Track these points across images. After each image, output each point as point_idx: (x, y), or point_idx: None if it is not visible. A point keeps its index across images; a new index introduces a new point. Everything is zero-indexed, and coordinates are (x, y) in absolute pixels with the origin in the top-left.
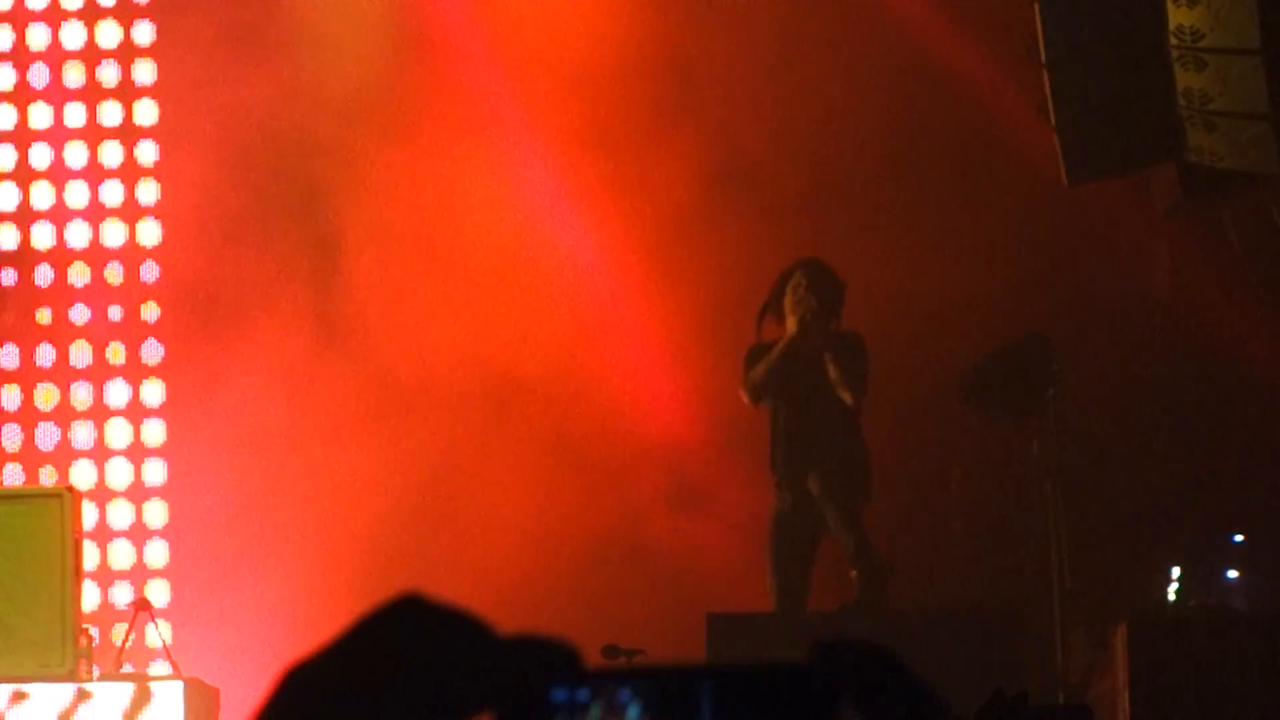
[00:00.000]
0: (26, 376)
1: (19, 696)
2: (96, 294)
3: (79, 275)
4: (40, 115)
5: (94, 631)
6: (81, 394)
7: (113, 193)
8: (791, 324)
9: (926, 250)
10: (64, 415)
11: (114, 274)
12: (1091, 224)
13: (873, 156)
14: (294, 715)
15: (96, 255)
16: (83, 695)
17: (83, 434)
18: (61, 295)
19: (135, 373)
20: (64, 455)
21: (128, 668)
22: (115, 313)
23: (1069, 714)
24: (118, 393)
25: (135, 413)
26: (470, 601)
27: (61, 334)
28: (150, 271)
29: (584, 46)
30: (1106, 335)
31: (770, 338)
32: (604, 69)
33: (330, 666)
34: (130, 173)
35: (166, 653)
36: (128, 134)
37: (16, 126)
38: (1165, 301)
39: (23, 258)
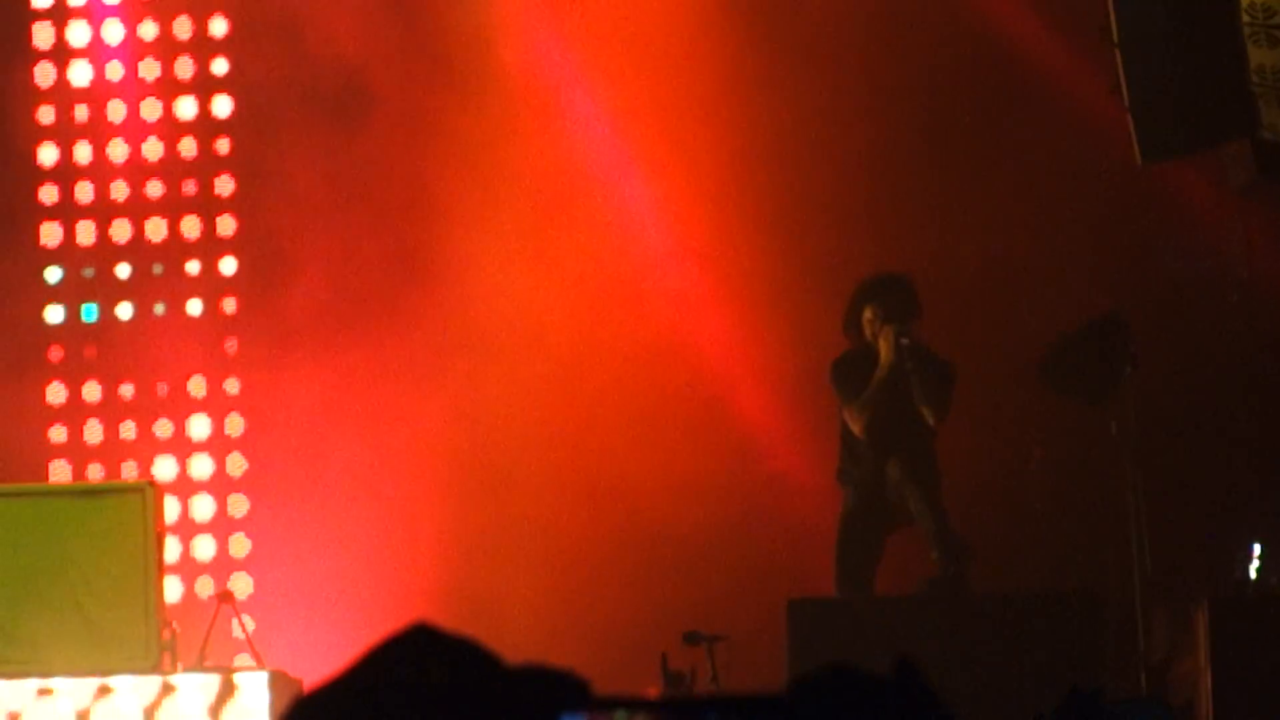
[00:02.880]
0: (107, 372)
1: (104, 690)
2: (176, 288)
3: (159, 267)
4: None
5: (177, 625)
6: (162, 389)
7: (189, 188)
8: (883, 348)
9: (1002, 231)
10: (145, 410)
11: (193, 267)
12: (1166, 203)
13: (947, 137)
14: None
15: (174, 250)
16: (167, 688)
17: (163, 428)
18: (143, 289)
19: (214, 366)
20: (145, 449)
21: (211, 661)
22: (194, 307)
23: (1143, 705)
24: (197, 386)
25: (216, 406)
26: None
27: (142, 329)
28: (229, 265)
29: (655, 23)
30: (1183, 315)
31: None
32: (671, 44)
33: (342, 695)
34: (208, 165)
35: (250, 644)
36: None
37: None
38: (1241, 279)
39: (102, 253)
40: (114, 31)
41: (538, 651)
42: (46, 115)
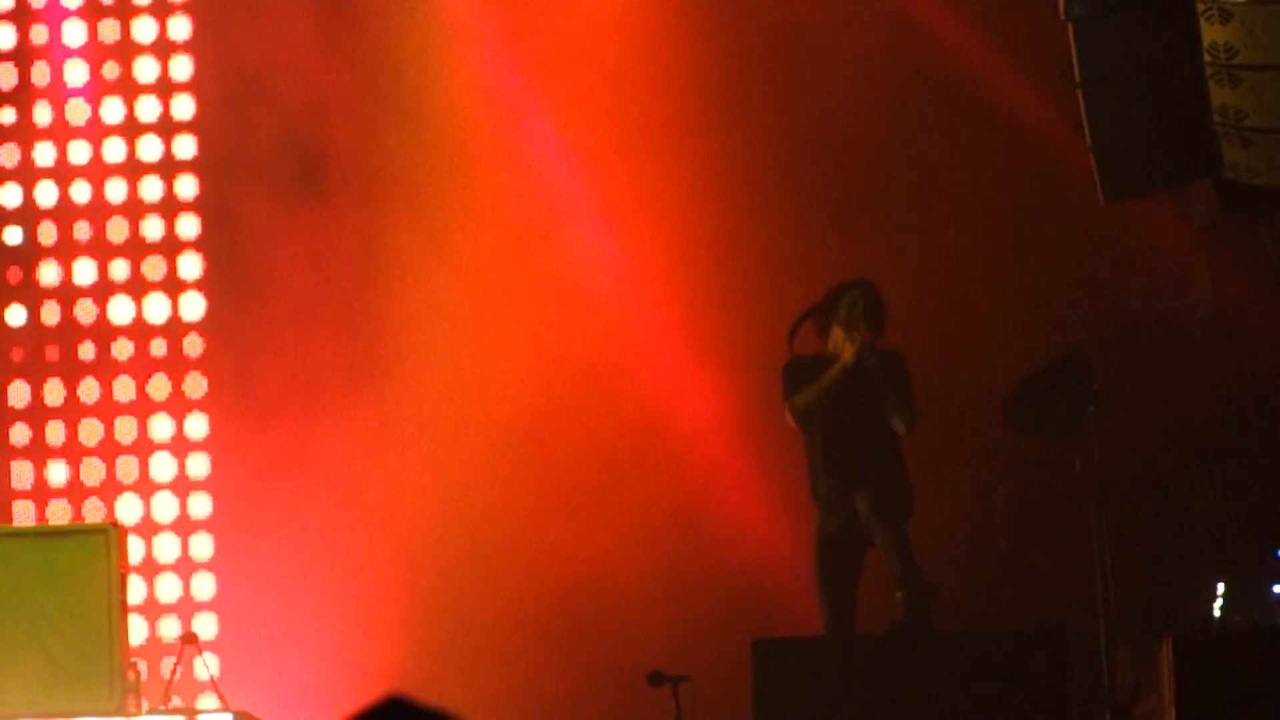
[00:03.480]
0: (70, 412)
1: None
2: (138, 329)
3: (121, 311)
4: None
5: (142, 665)
6: (125, 429)
7: (153, 228)
8: (846, 349)
9: (964, 269)
10: (109, 450)
11: (157, 309)
12: (1130, 241)
13: (908, 177)
14: None
15: (138, 288)
16: None
17: (128, 469)
18: (104, 330)
19: (179, 407)
20: (109, 490)
21: (176, 701)
22: (158, 347)
23: None
24: (162, 427)
25: (179, 447)
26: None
27: (105, 369)
28: (195, 306)
29: (610, 55)
30: (1147, 352)
31: (805, 351)
32: (630, 78)
33: None
34: (170, 207)
35: (214, 685)
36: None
37: (56, 162)
38: (1205, 317)
39: (64, 292)
40: (77, 73)
41: (510, 693)
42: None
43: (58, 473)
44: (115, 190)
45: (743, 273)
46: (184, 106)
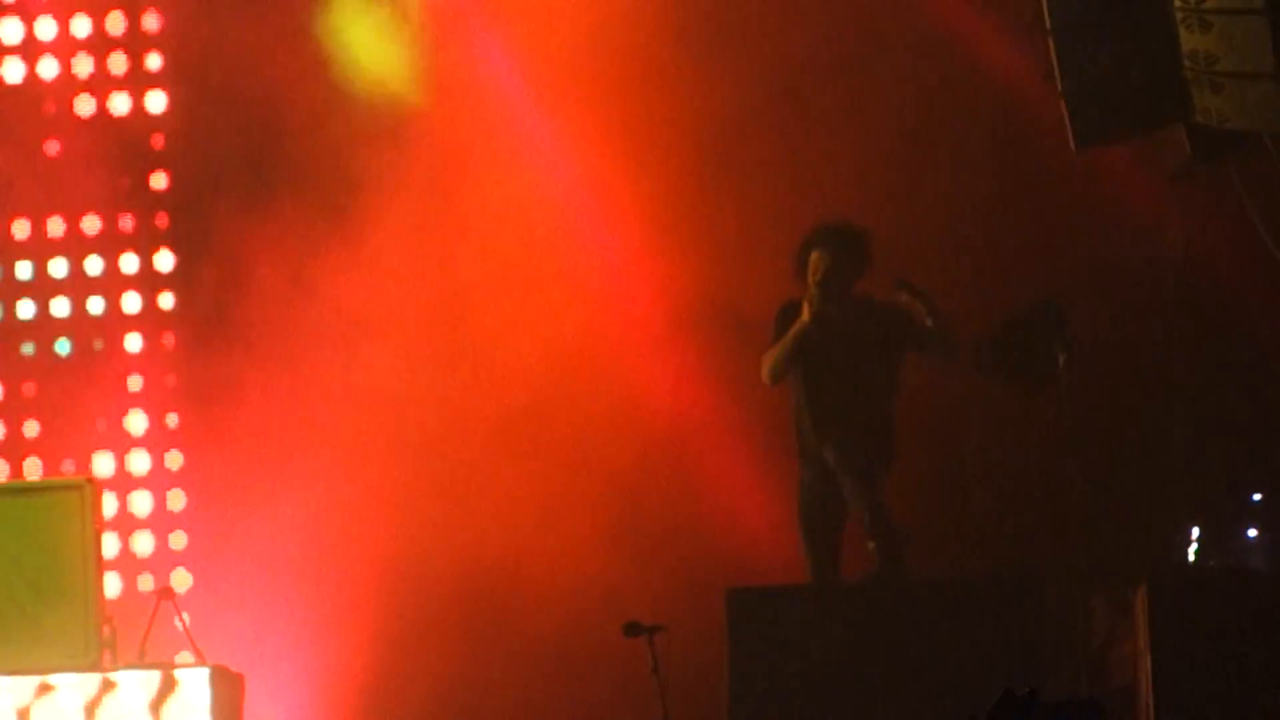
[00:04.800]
0: (45, 369)
1: (45, 688)
2: (111, 285)
3: (95, 267)
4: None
5: (117, 621)
6: (100, 385)
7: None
8: (804, 310)
9: (935, 219)
10: (83, 406)
11: (129, 263)
12: (1101, 189)
13: (878, 126)
14: None
15: (111, 245)
16: (108, 685)
17: (102, 424)
18: (79, 286)
19: (152, 363)
20: (84, 445)
21: (152, 657)
22: (132, 302)
23: (1080, 709)
24: (135, 383)
25: (153, 402)
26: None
27: (81, 326)
28: (165, 260)
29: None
30: (1120, 300)
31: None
32: (608, 41)
33: None
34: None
35: (190, 640)
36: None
37: None
38: (1177, 264)
39: (39, 249)
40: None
41: (484, 645)
42: None
43: (31, 428)
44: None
45: (718, 235)
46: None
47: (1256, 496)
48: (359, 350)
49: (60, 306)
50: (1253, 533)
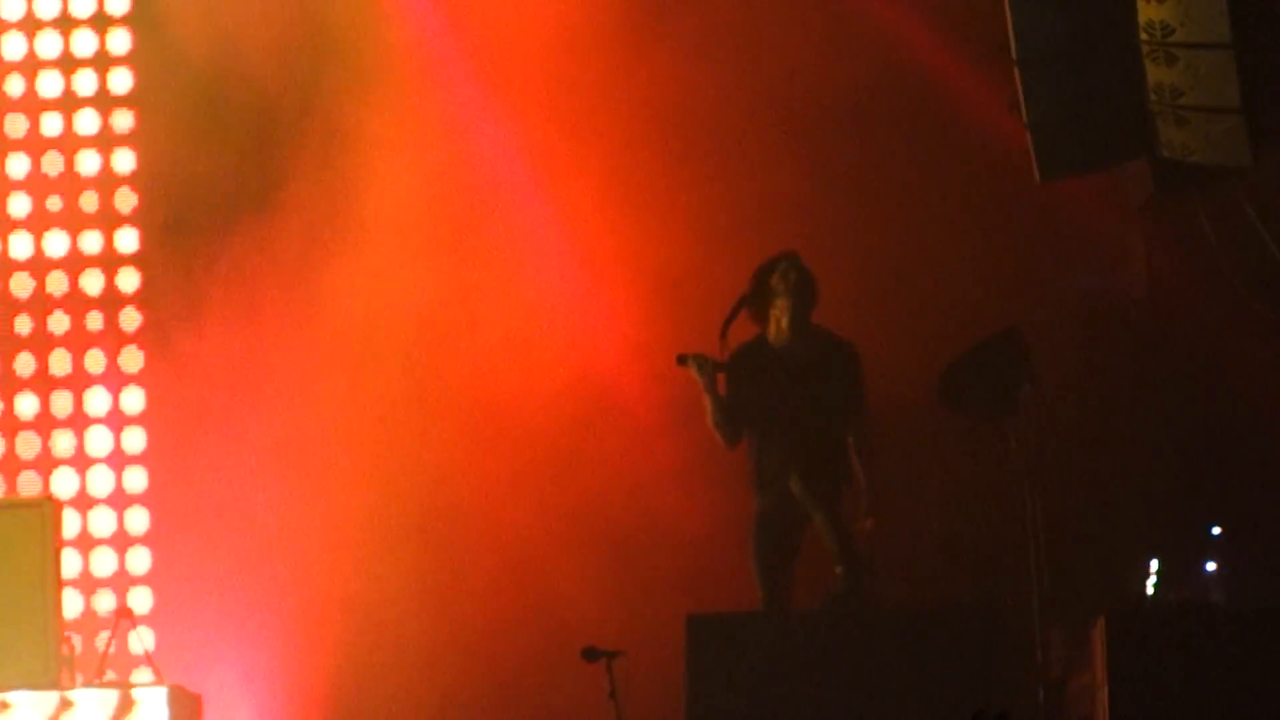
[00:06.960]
0: (6, 385)
1: (3, 706)
2: (75, 302)
3: (57, 284)
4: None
5: (76, 640)
6: (61, 402)
7: (89, 201)
8: (781, 323)
9: (899, 249)
10: (44, 424)
11: (93, 282)
12: (1065, 221)
13: (843, 155)
14: None
15: (74, 263)
16: (66, 704)
17: (64, 442)
18: (39, 303)
19: (115, 380)
20: (45, 464)
21: (111, 675)
22: (95, 320)
23: None
24: (98, 401)
25: (115, 420)
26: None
27: (41, 342)
28: (129, 279)
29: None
30: (1082, 332)
31: (746, 338)
32: (564, 41)
33: None
34: (108, 181)
35: (149, 660)
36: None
37: None
38: (1140, 297)
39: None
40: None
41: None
42: None
43: None
44: (52, 163)
45: (687, 257)
46: (122, 80)
47: (1216, 530)
48: (321, 382)
49: (21, 324)
50: (1211, 566)
